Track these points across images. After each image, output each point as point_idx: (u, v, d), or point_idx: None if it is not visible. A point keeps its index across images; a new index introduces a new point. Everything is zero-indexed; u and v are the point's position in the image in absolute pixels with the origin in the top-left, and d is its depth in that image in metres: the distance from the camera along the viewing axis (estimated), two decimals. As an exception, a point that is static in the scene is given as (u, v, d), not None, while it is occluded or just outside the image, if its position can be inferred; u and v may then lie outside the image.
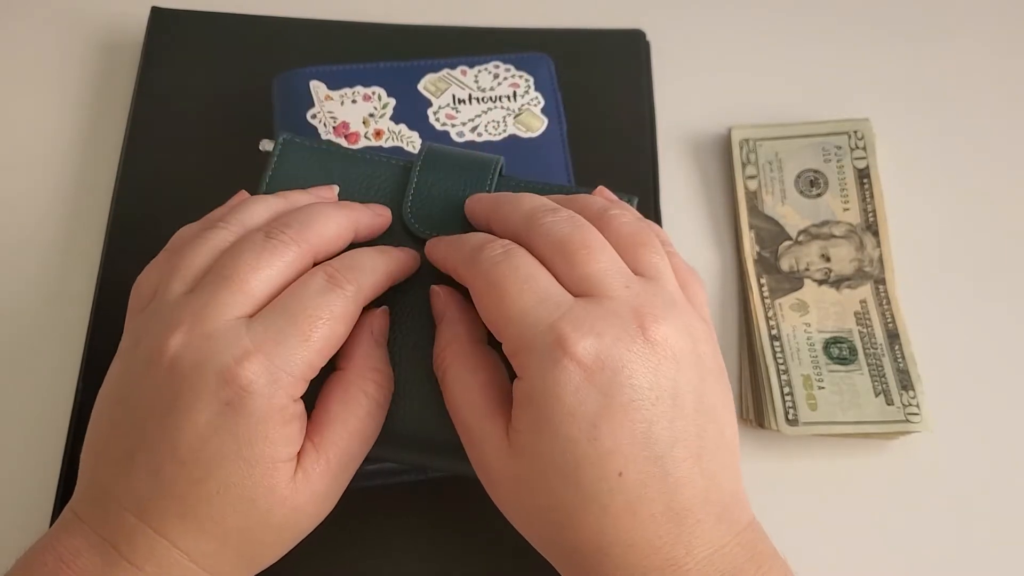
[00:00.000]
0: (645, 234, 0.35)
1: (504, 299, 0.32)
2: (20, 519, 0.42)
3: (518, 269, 0.33)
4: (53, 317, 0.46)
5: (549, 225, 0.34)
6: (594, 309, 0.31)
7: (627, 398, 0.31)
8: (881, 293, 0.47)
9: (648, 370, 0.31)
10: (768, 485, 0.44)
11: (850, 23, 0.56)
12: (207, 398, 0.31)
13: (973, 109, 0.53)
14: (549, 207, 0.35)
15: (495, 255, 0.33)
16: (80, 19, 0.55)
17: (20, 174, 0.50)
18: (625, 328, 0.31)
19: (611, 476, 0.31)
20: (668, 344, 0.31)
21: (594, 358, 0.31)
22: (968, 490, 0.44)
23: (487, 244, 0.34)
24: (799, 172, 0.50)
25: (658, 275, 0.34)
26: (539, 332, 0.31)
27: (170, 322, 0.32)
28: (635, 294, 0.32)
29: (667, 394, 0.31)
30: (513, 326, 0.32)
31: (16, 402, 0.45)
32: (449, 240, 0.37)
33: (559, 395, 0.31)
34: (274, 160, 0.40)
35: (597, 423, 0.30)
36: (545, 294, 0.32)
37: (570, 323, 0.31)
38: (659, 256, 0.34)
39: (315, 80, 0.47)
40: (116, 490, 0.32)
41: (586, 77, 0.51)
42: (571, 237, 0.33)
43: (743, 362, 0.46)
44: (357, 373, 0.35)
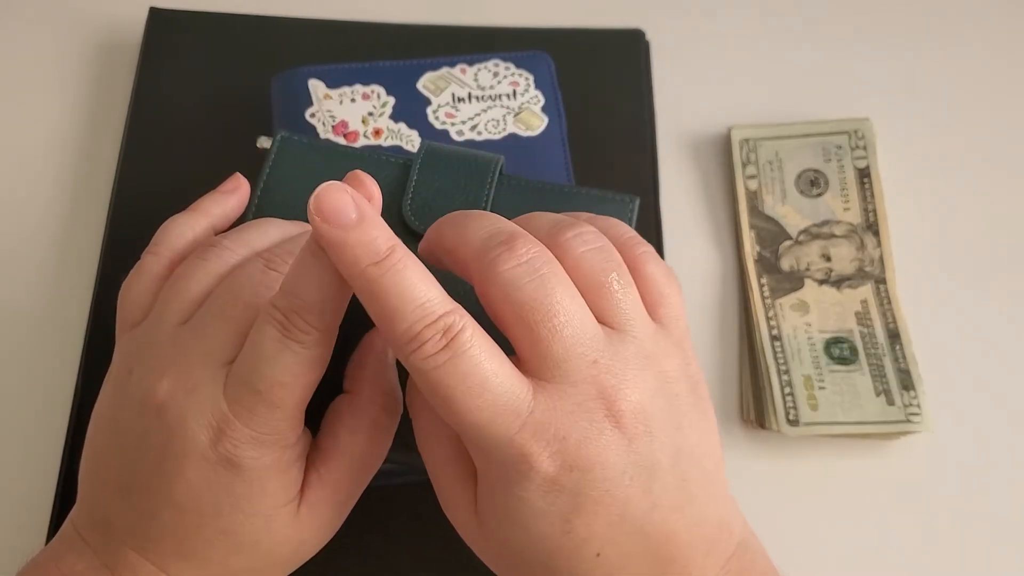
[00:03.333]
0: (608, 268, 0.31)
1: (455, 412, 0.28)
2: (20, 519, 0.42)
3: (467, 376, 0.28)
4: (52, 317, 0.46)
5: (506, 277, 0.29)
6: (556, 404, 0.28)
7: (599, 491, 0.29)
8: (882, 293, 0.46)
9: (620, 456, 0.29)
10: (769, 485, 0.44)
11: (850, 23, 0.55)
12: (197, 455, 0.30)
13: (973, 109, 0.53)
14: (500, 239, 0.30)
15: (436, 356, 0.28)
16: (78, 19, 0.54)
17: (19, 174, 0.50)
18: (592, 420, 0.29)
19: (589, 558, 0.30)
20: (640, 416, 0.29)
21: (560, 464, 0.28)
22: (969, 490, 0.44)
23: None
24: (799, 172, 0.49)
25: (625, 322, 0.30)
26: (499, 446, 0.28)
27: (160, 364, 0.32)
28: (601, 369, 0.29)
29: (642, 470, 0.29)
30: (469, 438, 0.29)
31: (16, 402, 0.45)
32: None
33: (528, 501, 0.29)
34: (272, 158, 0.40)
35: (570, 518, 0.29)
36: (502, 402, 0.28)
37: (531, 433, 0.28)
38: (623, 292, 0.31)
39: (314, 79, 0.47)
40: (115, 522, 0.32)
41: (586, 77, 0.51)
42: (533, 303, 0.29)
43: (744, 362, 0.46)
44: (365, 398, 0.33)
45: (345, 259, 0.28)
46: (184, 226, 0.37)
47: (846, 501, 0.44)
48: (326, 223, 0.28)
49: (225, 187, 0.39)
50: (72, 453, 0.42)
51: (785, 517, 0.43)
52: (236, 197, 0.39)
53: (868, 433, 0.43)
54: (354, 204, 0.29)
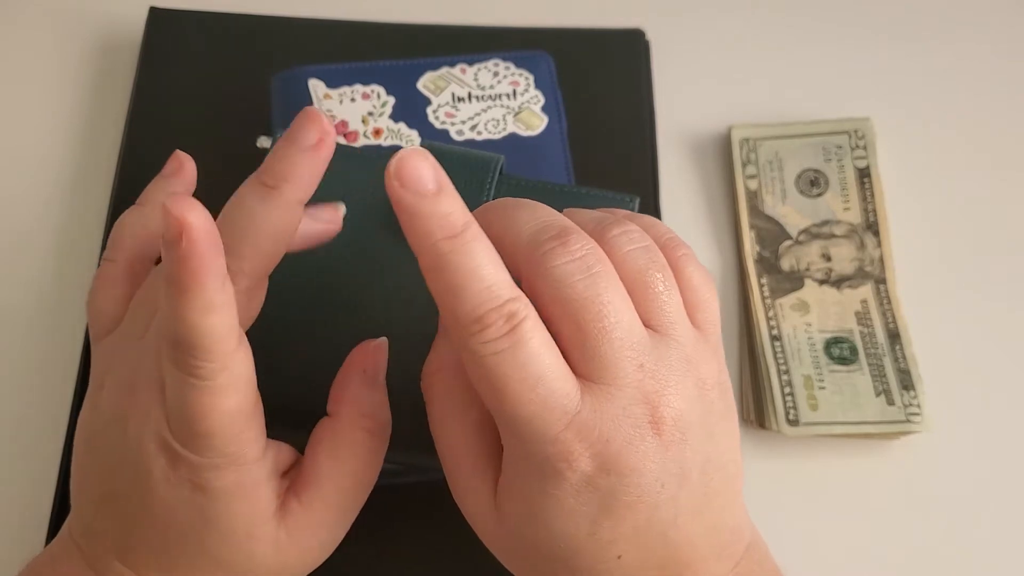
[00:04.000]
0: (653, 268, 0.30)
1: (505, 401, 0.28)
2: (19, 519, 0.42)
3: (525, 367, 0.27)
4: (52, 317, 0.46)
5: (558, 272, 0.28)
6: (602, 406, 0.28)
7: (632, 497, 0.29)
8: (882, 293, 0.46)
9: (656, 464, 0.29)
10: (768, 485, 0.44)
11: (850, 22, 0.55)
12: (161, 476, 0.30)
13: (974, 108, 0.53)
14: (551, 232, 0.29)
15: (497, 342, 0.27)
16: (78, 19, 0.54)
17: (18, 174, 0.50)
18: (635, 426, 0.28)
19: (610, 560, 0.30)
20: (679, 423, 0.29)
21: (598, 466, 0.28)
22: (969, 490, 0.44)
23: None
24: (800, 172, 0.49)
25: (669, 326, 0.30)
26: (541, 441, 0.28)
27: (122, 382, 0.31)
28: (647, 374, 0.29)
29: (674, 477, 0.29)
30: (512, 429, 0.29)
31: (16, 402, 0.44)
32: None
33: (559, 499, 0.29)
34: (272, 158, 0.40)
35: (598, 520, 0.29)
36: (553, 399, 0.28)
37: (575, 433, 0.28)
38: (668, 295, 0.30)
39: (314, 79, 0.47)
40: (101, 532, 0.32)
41: (586, 77, 0.51)
42: (587, 302, 0.28)
43: (743, 362, 0.46)
44: (347, 421, 0.32)
45: (418, 229, 0.27)
46: (135, 224, 0.37)
47: (846, 501, 0.44)
48: (405, 189, 0.27)
49: (167, 170, 0.39)
50: (72, 453, 0.42)
51: (785, 517, 0.43)
52: (180, 178, 0.38)
53: (868, 433, 0.43)
54: (434, 174, 0.28)
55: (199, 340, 0.27)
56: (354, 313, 0.37)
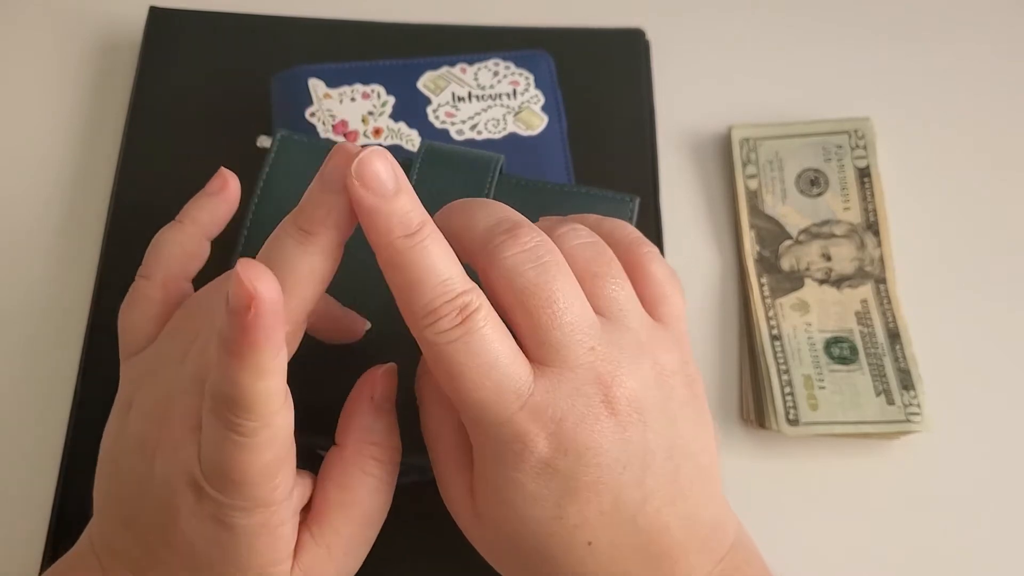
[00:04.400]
0: (602, 260, 0.32)
1: (460, 388, 0.29)
2: (19, 519, 0.42)
3: (478, 354, 0.29)
4: (51, 316, 0.46)
5: (509, 263, 0.30)
6: (554, 388, 0.29)
7: (592, 477, 0.29)
8: (882, 292, 0.46)
9: (613, 443, 0.29)
10: (768, 485, 0.44)
11: (850, 22, 0.55)
12: (187, 510, 0.30)
13: (974, 108, 0.53)
14: (504, 226, 0.30)
15: (450, 331, 0.28)
16: (78, 19, 0.54)
17: (18, 174, 0.50)
18: (588, 404, 0.29)
19: (580, 546, 0.30)
20: (634, 404, 0.30)
21: (555, 446, 0.29)
22: (969, 490, 0.44)
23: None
24: (800, 171, 0.49)
25: (620, 312, 0.31)
26: (497, 425, 0.29)
27: (153, 409, 0.31)
28: (598, 356, 0.30)
29: (635, 458, 0.30)
30: (469, 415, 0.30)
31: (15, 402, 0.44)
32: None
33: (521, 482, 0.29)
34: (271, 157, 0.40)
35: (562, 503, 0.30)
36: (506, 383, 0.29)
37: (529, 414, 0.29)
38: (616, 283, 0.32)
39: (314, 78, 0.47)
40: (122, 551, 0.32)
41: (585, 77, 0.51)
42: (535, 289, 0.29)
43: (743, 362, 0.46)
44: (354, 450, 0.32)
45: (378, 227, 0.29)
46: (173, 242, 0.36)
47: (846, 501, 0.44)
48: (365, 189, 0.28)
49: (211, 188, 0.38)
50: (72, 453, 0.42)
51: (785, 517, 0.43)
52: (224, 198, 0.38)
53: (868, 433, 0.43)
54: (394, 175, 0.29)
55: (247, 402, 0.27)
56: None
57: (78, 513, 0.41)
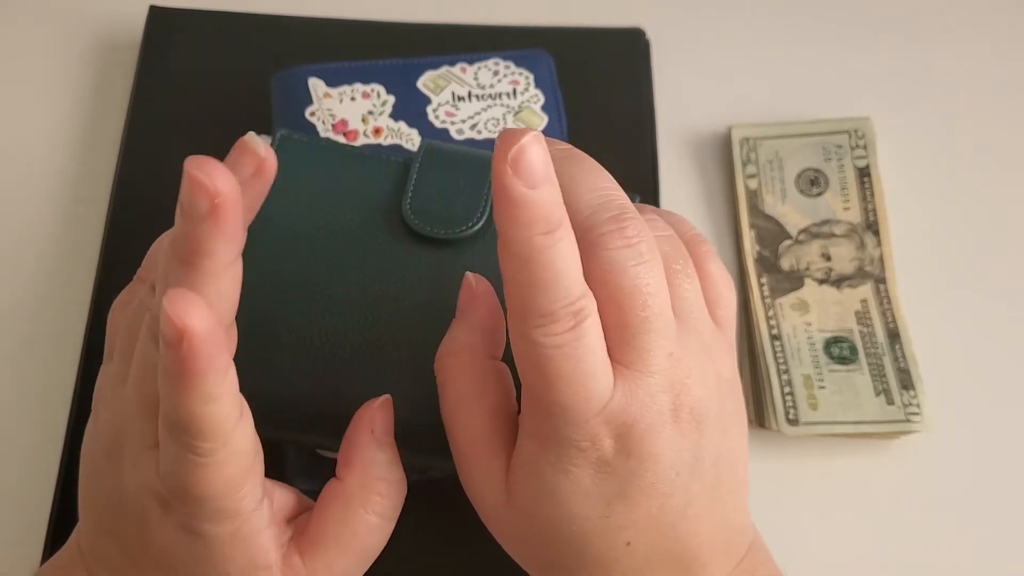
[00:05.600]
0: (679, 256, 0.31)
1: (552, 389, 0.28)
2: (19, 520, 0.42)
3: (580, 361, 0.28)
4: (51, 316, 0.46)
5: (613, 255, 0.28)
6: (631, 393, 0.29)
7: (648, 482, 0.29)
8: (882, 292, 0.46)
9: (672, 450, 0.29)
10: (768, 485, 0.43)
11: (850, 22, 0.55)
12: (156, 520, 0.30)
13: (974, 108, 0.53)
14: (611, 211, 0.29)
15: (560, 336, 0.28)
16: (78, 18, 0.54)
17: (18, 173, 0.50)
18: (659, 414, 0.29)
19: (619, 546, 0.30)
20: (696, 412, 0.30)
21: (620, 449, 0.29)
22: (969, 490, 0.44)
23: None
24: (800, 171, 0.49)
25: (690, 314, 0.31)
26: (572, 424, 0.29)
27: (116, 420, 0.31)
28: (675, 362, 0.29)
29: (687, 465, 0.30)
30: (547, 412, 0.29)
31: (15, 402, 0.44)
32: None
33: (576, 477, 0.29)
34: (272, 157, 0.40)
35: (612, 503, 0.29)
36: (594, 390, 0.28)
37: (604, 419, 0.28)
38: (690, 283, 0.31)
39: (314, 78, 0.47)
40: (101, 554, 0.32)
41: (586, 76, 0.51)
42: (635, 289, 0.28)
43: (743, 362, 0.46)
44: (357, 485, 0.32)
45: (519, 219, 0.27)
46: None
47: (846, 501, 0.44)
48: (518, 178, 0.26)
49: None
50: (72, 453, 0.42)
51: (785, 517, 0.43)
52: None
53: (868, 433, 0.43)
54: (546, 166, 0.27)
55: (199, 427, 0.27)
56: (354, 312, 0.37)
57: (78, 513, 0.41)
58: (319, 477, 0.40)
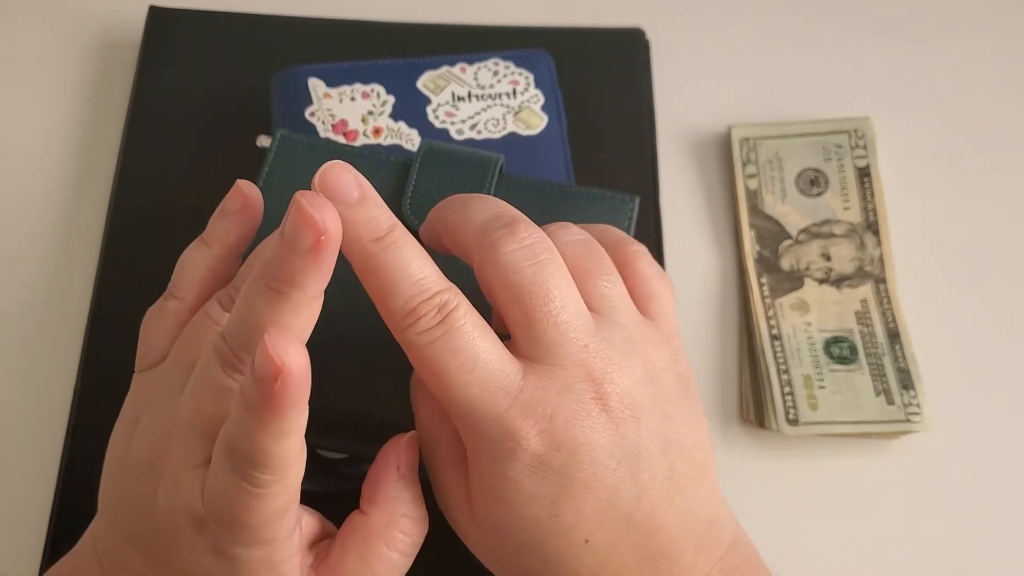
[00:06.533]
0: (594, 256, 0.32)
1: (447, 386, 0.29)
2: (19, 520, 0.42)
3: (460, 351, 0.29)
4: (51, 316, 0.46)
5: (506, 259, 0.30)
6: (545, 384, 0.29)
7: (587, 473, 0.29)
8: (882, 292, 0.46)
9: (607, 439, 0.29)
10: (768, 485, 0.43)
11: (850, 23, 0.55)
12: (187, 540, 0.30)
13: (974, 108, 0.53)
14: (502, 221, 0.31)
15: (430, 331, 0.29)
16: (78, 18, 0.54)
17: (18, 173, 0.50)
18: (579, 401, 0.29)
19: (578, 544, 0.30)
20: (626, 400, 0.30)
21: (548, 443, 0.29)
22: (968, 490, 0.44)
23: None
24: (799, 171, 0.49)
25: (611, 308, 0.31)
26: (488, 423, 0.29)
27: (157, 435, 0.31)
28: (591, 353, 0.30)
29: (629, 454, 0.30)
30: (459, 415, 0.30)
31: (15, 403, 0.44)
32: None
33: (516, 481, 0.29)
34: (271, 157, 0.40)
35: (557, 501, 0.29)
36: (493, 379, 0.29)
37: (519, 411, 0.29)
38: (608, 280, 0.32)
39: (313, 78, 0.47)
40: (121, 561, 0.32)
41: (585, 76, 0.51)
42: (531, 286, 0.29)
43: (743, 362, 0.46)
44: (381, 522, 0.31)
45: (347, 235, 0.29)
46: (203, 266, 0.35)
47: (846, 501, 0.44)
48: (331, 200, 0.28)
49: (231, 206, 0.36)
50: (72, 453, 0.42)
51: (784, 517, 0.43)
52: (248, 217, 0.36)
53: (868, 433, 0.43)
54: (356, 183, 0.29)
55: (265, 460, 0.27)
56: (353, 313, 0.37)
57: (78, 513, 0.41)
58: (319, 477, 0.40)
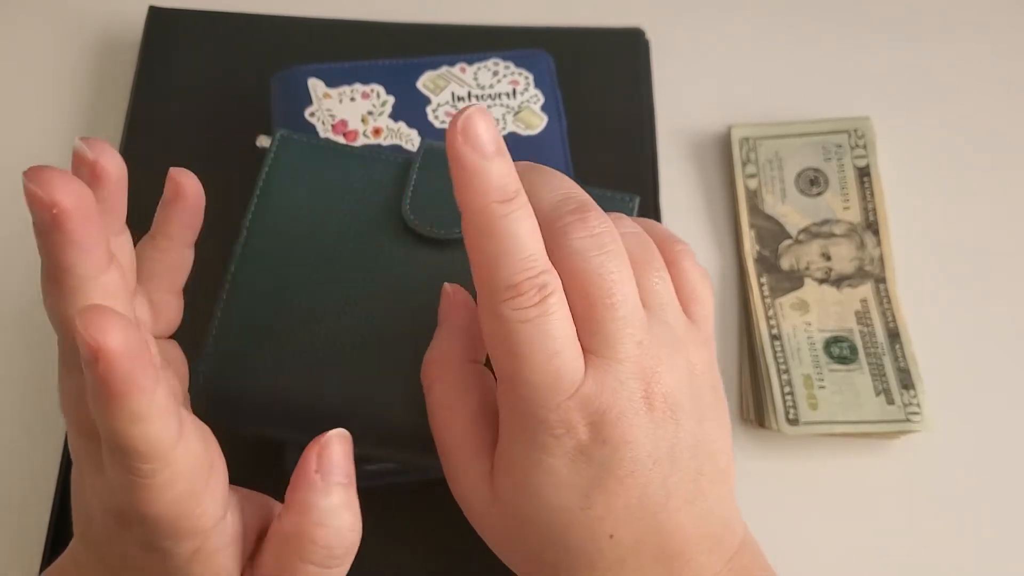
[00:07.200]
0: (648, 251, 0.32)
1: (523, 366, 0.29)
2: (19, 520, 0.42)
3: (548, 337, 0.28)
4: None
5: (576, 245, 0.29)
6: (602, 379, 0.29)
7: (625, 470, 0.29)
8: (882, 292, 0.46)
9: (648, 438, 0.30)
10: (768, 485, 0.43)
11: (850, 23, 0.55)
12: (118, 538, 0.29)
13: (973, 107, 0.53)
14: (572, 205, 0.30)
15: (527, 310, 0.28)
16: (78, 18, 0.54)
17: (18, 173, 0.50)
18: (630, 399, 0.29)
19: (602, 538, 0.30)
20: (669, 401, 0.30)
21: (594, 436, 0.29)
22: (968, 490, 0.44)
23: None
24: (799, 171, 0.49)
25: (661, 305, 0.31)
26: (546, 409, 0.29)
27: (71, 441, 0.31)
28: (644, 351, 0.30)
29: (664, 455, 0.30)
30: (521, 397, 0.29)
31: (15, 403, 0.44)
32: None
33: (553, 467, 0.29)
34: (271, 157, 0.40)
35: (590, 493, 0.29)
36: (565, 370, 0.29)
37: (577, 403, 0.29)
38: (659, 276, 0.32)
39: (313, 78, 0.47)
40: (85, 564, 0.32)
41: (585, 76, 0.51)
42: (599, 278, 0.29)
43: (743, 362, 0.46)
44: (291, 530, 0.29)
45: (475, 188, 0.28)
46: (152, 259, 0.35)
47: (846, 501, 0.44)
48: (468, 146, 0.28)
49: (167, 196, 0.35)
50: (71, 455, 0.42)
51: (785, 517, 0.43)
52: (184, 205, 0.35)
53: (868, 432, 0.43)
54: (496, 136, 0.28)
55: (133, 448, 0.26)
56: (354, 311, 0.37)
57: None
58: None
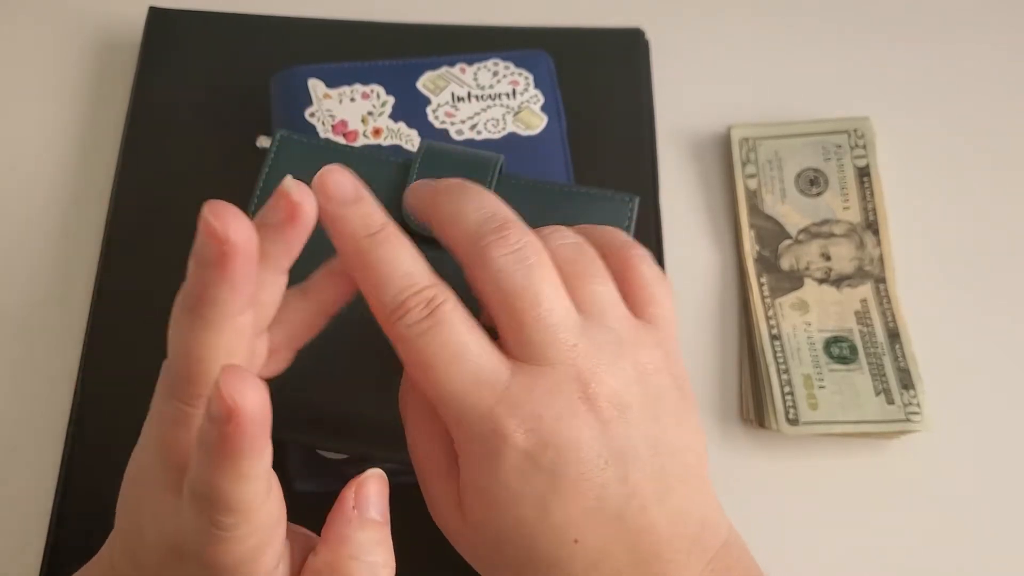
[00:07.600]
0: (584, 259, 0.32)
1: (435, 380, 0.30)
2: (19, 520, 0.42)
3: (447, 344, 0.29)
4: (51, 316, 0.46)
5: (497, 264, 0.30)
6: (533, 384, 0.30)
7: (575, 472, 0.29)
8: (882, 292, 0.46)
9: (594, 438, 0.30)
10: (768, 485, 0.44)
11: (850, 22, 0.55)
12: (172, 568, 0.29)
13: (973, 107, 0.53)
14: (494, 224, 0.31)
15: (419, 323, 0.29)
16: (77, 19, 0.54)
17: (18, 173, 0.50)
18: (567, 400, 0.30)
19: (568, 544, 0.30)
20: (615, 401, 0.30)
21: (535, 442, 0.29)
22: (969, 490, 0.44)
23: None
24: (799, 171, 0.49)
25: (601, 310, 0.32)
26: (476, 418, 0.29)
27: (137, 466, 0.31)
28: (579, 353, 0.30)
29: (617, 454, 0.30)
30: (446, 409, 0.30)
31: (15, 404, 0.44)
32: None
33: (504, 481, 0.30)
34: (271, 157, 0.40)
35: (546, 501, 0.30)
36: (479, 371, 0.29)
37: (507, 408, 0.29)
38: (599, 283, 0.32)
39: (313, 78, 0.47)
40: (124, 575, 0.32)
41: (585, 76, 0.51)
42: (523, 290, 0.30)
43: (743, 362, 0.46)
44: (327, 562, 0.29)
45: (344, 232, 0.30)
46: None
47: (845, 501, 0.44)
48: (329, 200, 0.30)
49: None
50: (72, 453, 0.42)
51: (784, 517, 0.43)
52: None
53: (868, 432, 0.43)
54: (354, 184, 0.31)
55: (225, 503, 0.26)
56: (354, 313, 0.37)
57: (78, 514, 0.41)
58: (319, 477, 0.40)
